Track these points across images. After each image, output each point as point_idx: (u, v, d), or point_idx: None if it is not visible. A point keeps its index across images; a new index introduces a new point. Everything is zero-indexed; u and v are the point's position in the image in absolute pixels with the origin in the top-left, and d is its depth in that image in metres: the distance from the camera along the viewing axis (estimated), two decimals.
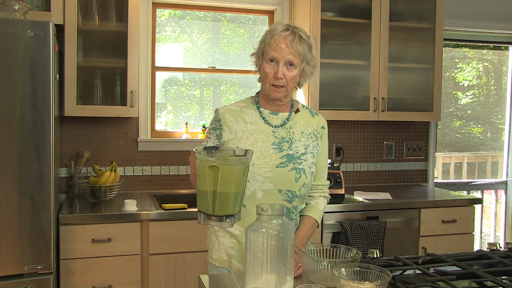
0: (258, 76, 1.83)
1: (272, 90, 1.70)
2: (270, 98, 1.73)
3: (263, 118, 1.75)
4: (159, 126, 3.39)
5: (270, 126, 1.75)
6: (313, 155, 1.77)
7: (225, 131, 1.74)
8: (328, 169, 2.99)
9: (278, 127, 1.75)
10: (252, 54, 1.79)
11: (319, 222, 1.81)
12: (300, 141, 1.75)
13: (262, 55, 1.71)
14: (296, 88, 1.80)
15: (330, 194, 1.91)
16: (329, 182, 1.91)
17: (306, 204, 1.82)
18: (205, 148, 1.38)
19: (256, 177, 1.66)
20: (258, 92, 1.83)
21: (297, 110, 1.81)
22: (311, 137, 1.79)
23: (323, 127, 1.84)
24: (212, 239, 1.79)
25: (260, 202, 1.65)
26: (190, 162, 1.52)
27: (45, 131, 2.23)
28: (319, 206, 1.81)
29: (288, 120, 1.77)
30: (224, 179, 1.31)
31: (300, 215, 1.80)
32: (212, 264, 1.80)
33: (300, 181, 1.71)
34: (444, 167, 4.58)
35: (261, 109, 1.77)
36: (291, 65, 1.67)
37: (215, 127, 1.77)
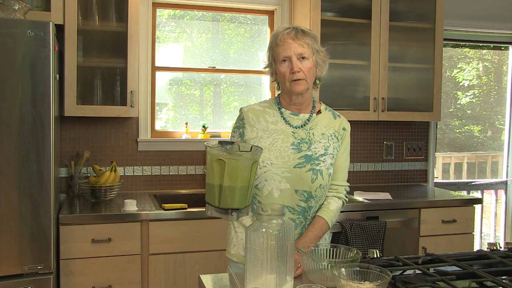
0: (277, 86, 1.84)
1: (292, 85, 1.71)
2: (293, 93, 1.74)
3: (284, 118, 1.78)
4: (159, 124, 3.39)
5: (290, 126, 1.77)
6: (333, 156, 1.78)
7: (247, 130, 1.77)
8: None
9: (299, 128, 1.77)
10: (265, 67, 1.82)
11: (330, 222, 1.77)
12: (320, 142, 1.76)
13: (274, 60, 1.74)
14: (316, 84, 1.81)
15: (346, 199, 1.88)
16: (347, 184, 1.86)
17: (321, 204, 1.82)
18: (220, 142, 1.40)
19: (273, 176, 1.69)
20: (279, 94, 1.84)
21: (319, 112, 1.83)
22: (332, 139, 1.80)
23: (344, 129, 1.84)
24: (231, 235, 1.81)
25: (276, 202, 1.69)
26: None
27: (45, 131, 2.23)
28: (330, 206, 1.79)
29: (308, 121, 1.79)
30: (230, 174, 1.33)
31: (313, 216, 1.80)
32: (230, 260, 1.81)
33: (316, 182, 1.71)
34: (444, 167, 4.58)
35: (283, 109, 1.79)
36: (303, 57, 1.70)
37: (239, 126, 1.80)
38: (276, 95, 1.86)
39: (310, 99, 1.81)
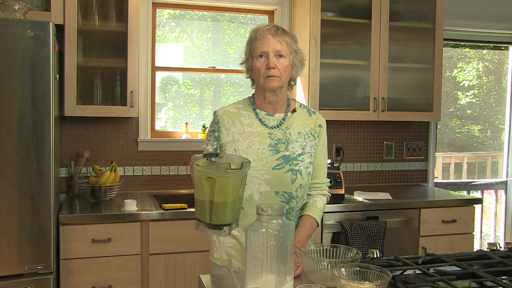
0: (251, 82, 1.83)
1: (266, 81, 1.70)
2: (267, 90, 1.72)
3: (259, 119, 1.76)
4: (159, 124, 3.39)
5: (266, 127, 1.75)
6: (311, 155, 1.77)
7: (223, 133, 1.75)
8: (328, 169, 2.99)
9: (275, 128, 1.75)
10: (242, 63, 1.80)
11: (319, 220, 1.79)
12: (297, 141, 1.75)
13: (251, 55, 1.73)
14: (291, 85, 1.81)
15: (330, 194, 1.90)
16: (328, 180, 1.89)
17: (305, 203, 1.82)
18: (205, 156, 1.38)
19: (253, 179, 1.67)
20: (253, 94, 1.83)
21: (294, 110, 1.81)
22: (309, 137, 1.78)
23: (320, 126, 1.82)
24: (213, 238, 1.81)
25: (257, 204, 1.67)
26: (190, 167, 1.53)
27: (45, 131, 2.23)
28: (317, 205, 1.80)
29: (284, 121, 1.77)
30: (221, 191, 1.31)
31: (300, 216, 1.80)
32: (214, 264, 1.82)
33: (296, 183, 1.71)
34: (444, 167, 4.58)
35: (257, 110, 1.78)
36: (280, 55, 1.69)
37: (214, 130, 1.78)
38: (251, 95, 1.84)
39: (284, 98, 1.80)
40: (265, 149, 1.71)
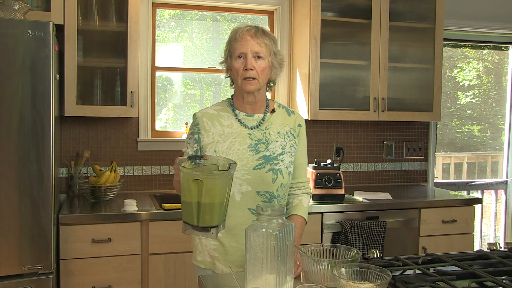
0: (230, 82, 1.84)
1: (244, 83, 1.70)
2: (244, 92, 1.73)
3: (239, 120, 1.77)
4: (159, 124, 3.39)
5: (246, 128, 1.76)
6: (291, 154, 1.78)
7: (203, 135, 1.76)
8: (328, 169, 3.00)
9: (254, 128, 1.76)
10: (221, 63, 1.81)
11: (307, 219, 1.82)
12: (277, 141, 1.76)
13: (230, 55, 1.73)
14: (270, 86, 1.82)
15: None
16: (309, 178, 1.90)
17: (290, 202, 1.83)
18: (190, 158, 1.38)
19: (234, 180, 1.67)
20: (232, 95, 1.84)
21: (273, 110, 1.82)
22: (288, 137, 1.79)
23: (299, 125, 1.84)
24: (196, 241, 1.81)
25: (239, 205, 1.68)
26: (175, 170, 1.53)
27: (45, 131, 2.23)
28: (304, 203, 1.82)
29: (263, 121, 1.78)
30: (208, 192, 1.31)
31: (288, 215, 1.81)
32: (197, 267, 1.81)
33: (277, 182, 1.72)
34: (444, 167, 4.58)
35: (237, 111, 1.78)
36: (259, 57, 1.69)
37: (194, 132, 1.79)
38: (230, 97, 1.85)
39: (263, 99, 1.81)
40: (245, 149, 1.72)
